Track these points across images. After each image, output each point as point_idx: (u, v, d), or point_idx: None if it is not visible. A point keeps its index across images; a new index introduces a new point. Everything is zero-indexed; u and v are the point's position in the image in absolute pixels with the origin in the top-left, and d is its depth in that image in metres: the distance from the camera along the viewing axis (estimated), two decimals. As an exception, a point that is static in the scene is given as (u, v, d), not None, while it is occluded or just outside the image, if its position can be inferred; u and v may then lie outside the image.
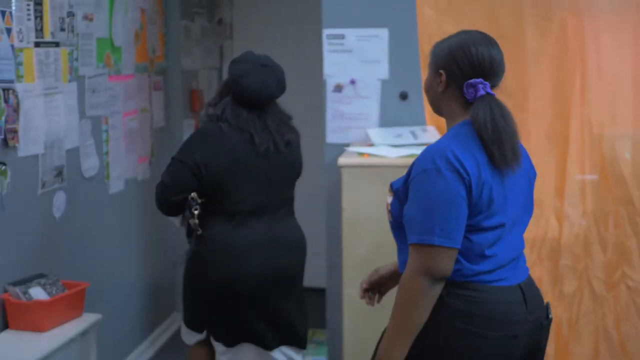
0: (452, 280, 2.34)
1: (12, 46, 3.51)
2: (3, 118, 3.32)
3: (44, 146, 3.78)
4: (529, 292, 2.43)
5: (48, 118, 3.82)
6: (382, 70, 4.31)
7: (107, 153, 4.50)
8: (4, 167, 3.32)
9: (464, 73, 2.39)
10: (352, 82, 4.34)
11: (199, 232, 3.43)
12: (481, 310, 2.34)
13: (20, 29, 3.60)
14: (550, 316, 2.48)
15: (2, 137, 3.34)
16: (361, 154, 3.82)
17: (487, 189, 2.31)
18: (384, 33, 4.28)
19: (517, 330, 2.37)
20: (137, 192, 4.91)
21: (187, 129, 5.68)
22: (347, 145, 4.25)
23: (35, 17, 3.73)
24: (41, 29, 3.77)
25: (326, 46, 4.33)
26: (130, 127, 4.81)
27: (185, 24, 5.65)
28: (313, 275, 4.43)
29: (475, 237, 2.33)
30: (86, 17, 4.23)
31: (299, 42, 6.12)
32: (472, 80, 2.37)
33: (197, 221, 3.41)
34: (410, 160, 3.59)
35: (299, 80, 5.44)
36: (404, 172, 2.48)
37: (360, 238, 3.65)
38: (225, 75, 4.01)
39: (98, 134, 4.39)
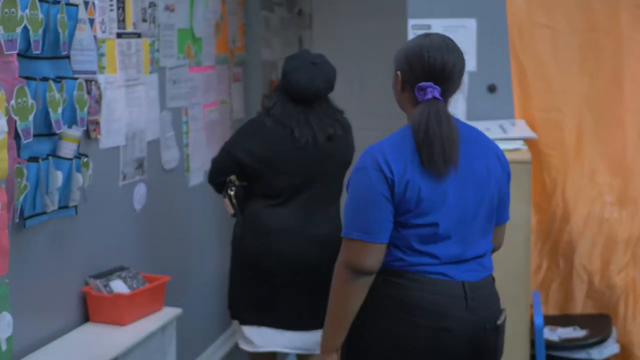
0: (390, 268, 2.45)
1: (95, 37, 3.48)
2: (85, 109, 3.28)
3: (125, 138, 3.75)
4: (474, 292, 2.46)
5: (129, 109, 3.78)
6: (470, 62, 4.15)
7: (187, 145, 4.46)
8: (86, 159, 3.29)
9: (416, 76, 2.47)
10: (439, 74, 4.20)
11: (232, 212, 3.74)
12: (413, 299, 2.42)
13: (103, 20, 3.56)
14: (498, 322, 2.50)
15: (85, 128, 3.30)
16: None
17: (412, 188, 2.39)
18: (471, 23, 4.14)
19: (452, 324, 2.42)
20: (216, 185, 4.85)
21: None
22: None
23: (118, 8, 3.69)
24: (123, 20, 3.73)
25: (411, 37, 4.20)
26: (210, 119, 4.76)
27: (265, 14, 5.59)
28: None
29: (406, 232, 2.43)
30: (167, 8, 4.19)
31: (381, 33, 5.97)
32: (422, 84, 2.45)
33: (234, 201, 3.71)
34: (500, 156, 3.51)
35: (380, 73, 5.32)
36: None
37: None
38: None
39: (178, 126, 4.35)
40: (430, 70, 2.45)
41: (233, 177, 3.71)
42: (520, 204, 3.46)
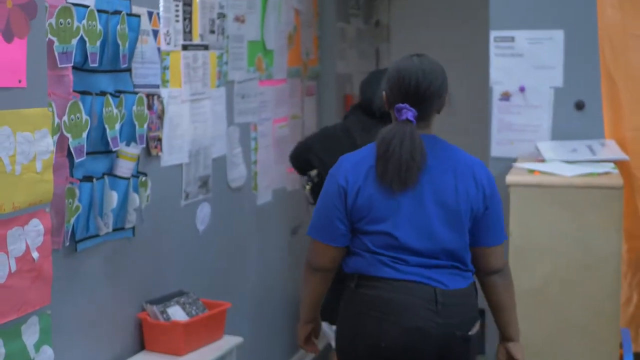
0: (361, 273, 2.62)
1: (159, 49, 3.32)
2: (145, 126, 3.12)
3: (189, 155, 3.58)
4: (446, 299, 2.55)
5: (194, 125, 3.62)
6: (556, 77, 3.90)
7: (255, 162, 4.27)
8: (144, 178, 3.12)
9: (394, 97, 2.60)
10: (522, 89, 3.94)
11: (311, 202, 3.91)
12: (385, 299, 2.57)
13: (168, 31, 3.41)
14: (470, 332, 2.57)
15: (144, 145, 3.14)
16: (532, 171, 3.42)
17: (363, 197, 2.58)
18: (559, 35, 3.86)
19: (421, 323, 2.53)
20: (286, 204, 4.67)
21: (340, 136, 5.38)
22: (514, 160, 3.85)
23: (184, 19, 3.53)
24: (190, 31, 3.57)
25: (493, 50, 3.95)
26: (280, 135, 4.57)
27: (340, 25, 5.38)
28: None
29: (365, 238, 2.61)
30: (237, 19, 4.02)
31: (462, 46, 5.74)
32: (398, 105, 2.57)
33: (309, 198, 3.97)
34: (590, 180, 3.23)
35: (461, 88, 5.17)
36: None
37: (530, 268, 3.24)
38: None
39: (246, 142, 4.17)
40: (405, 91, 2.56)
41: (313, 173, 3.92)
42: (610, 233, 3.18)
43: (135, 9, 3.13)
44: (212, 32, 3.78)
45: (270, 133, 4.45)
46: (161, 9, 3.35)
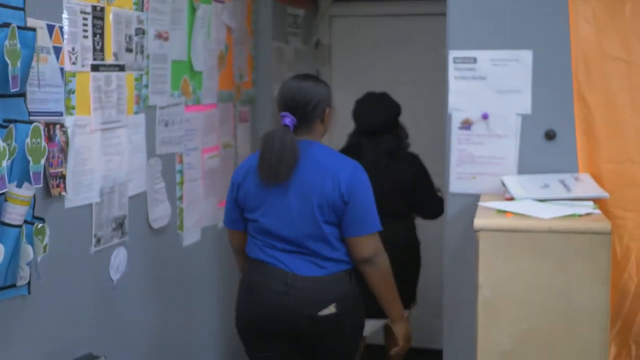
0: (248, 255, 3.19)
1: (62, 69, 2.79)
2: (42, 161, 2.58)
3: (100, 193, 3.06)
4: (297, 283, 3.01)
5: (106, 158, 3.09)
6: (523, 103, 3.45)
7: (181, 198, 3.75)
8: (41, 225, 2.58)
9: (278, 106, 3.13)
10: (485, 117, 3.48)
11: None
12: (247, 278, 3.16)
13: (74, 49, 2.88)
14: (319, 313, 2.99)
15: (41, 185, 2.59)
16: (501, 212, 2.94)
17: (243, 191, 3.14)
18: (526, 56, 3.42)
19: (267, 300, 3.04)
20: (217, 242, 4.16)
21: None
22: (476, 196, 3.39)
23: (95, 34, 3.01)
24: (101, 49, 3.05)
25: (452, 72, 3.48)
26: (210, 166, 4.06)
27: (277, 45, 4.91)
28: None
29: (248, 225, 3.16)
30: (159, 36, 3.50)
31: (414, 68, 5.32)
32: (280, 113, 3.09)
33: None
34: (572, 224, 2.77)
35: (413, 116, 4.76)
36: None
37: (503, 327, 2.74)
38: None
39: (170, 176, 3.65)
40: (282, 102, 3.10)
41: None
42: (596, 285, 2.72)
43: (32, 22, 2.60)
44: (129, 50, 3.25)
45: (199, 164, 3.93)
46: (65, 22, 2.82)
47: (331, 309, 2.99)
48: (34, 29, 2.56)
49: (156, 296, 3.54)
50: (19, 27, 2.47)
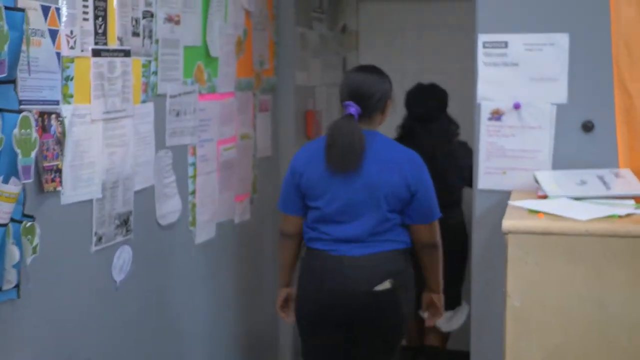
0: (306, 243, 3.32)
1: (59, 54, 2.58)
2: (33, 154, 2.38)
3: (102, 188, 2.85)
4: (353, 263, 3.16)
5: (109, 151, 2.89)
6: (559, 91, 3.20)
7: (193, 192, 3.54)
8: (30, 223, 2.38)
9: (342, 96, 3.25)
10: (517, 106, 3.23)
11: None
12: (305, 265, 3.30)
13: (72, 32, 2.67)
14: (375, 289, 3.14)
15: (31, 180, 2.39)
16: (533, 212, 2.69)
17: (306, 179, 3.23)
18: (563, 40, 3.17)
19: (327, 284, 3.19)
20: (234, 238, 3.96)
21: (300, 158, 4.68)
22: (507, 193, 3.14)
23: (96, 17, 2.80)
24: (104, 33, 2.84)
25: (482, 57, 3.24)
26: (226, 158, 3.84)
27: (301, 31, 4.68)
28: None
29: (309, 212, 3.28)
30: (170, 19, 3.29)
31: (443, 55, 5.09)
32: (344, 102, 3.21)
33: None
34: (611, 226, 2.51)
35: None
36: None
37: (534, 339, 2.50)
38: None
39: (182, 169, 3.44)
40: (347, 91, 3.22)
41: None
42: (635, 295, 2.47)
43: (23, 2, 2.39)
44: (136, 34, 3.04)
45: (214, 156, 3.72)
46: (62, 3, 2.61)
47: (386, 285, 3.14)
48: (23, 10, 2.36)
49: (164, 298, 3.34)
50: (6, 8, 2.27)
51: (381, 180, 3.13)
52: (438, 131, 4.33)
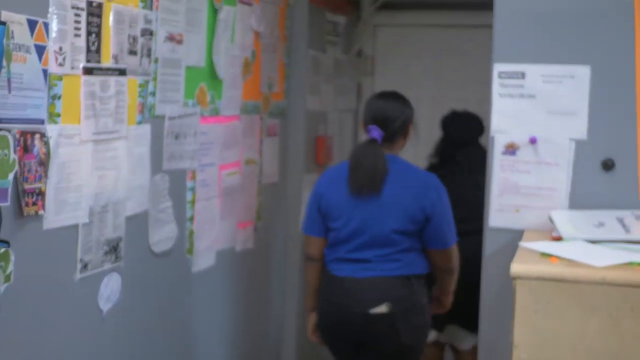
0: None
1: (45, 71, 2.44)
2: (11, 176, 2.23)
3: (89, 212, 2.69)
4: (355, 284, 3.20)
5: (99, 173, 2.74)
6: (579, 126, 3.02)
7: (191, 219, 3.38)
8: (3, 249, 2.23)
9: (365, 120, 3.32)
10: (533, 141, 3.05)
11: None
12: (323, 286, 3.34)
13: (61, 48, 2.53)
14: (370, 311, 3.15)
15: (7, 203, 2.24)
16: (546, 256, 2.50)
17: (326, 201, 3.30)
18: (583, 72, 2.99)
19: (333, 306, 3.25)
20: (234, 267, 3.80)
21: (308, 186, 4.51)
22: (520, 232, 2.95)
23: (89, 33, 2.65)
24: (97, 50, 2.69)
25: (497, 88, 3.07)
26: (228, 184, 3.68)
27: (314, 54, 4.52)
28: None
29: (329, 234, 3.32)
30: (172, 38, 3.15)
31: (460, 83, 4.93)
32: (368, 126, 3.28)
33: None
34: (631, 275, 2.31)
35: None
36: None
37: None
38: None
39: (180, 194, 3.29)
40: (369, 116, 3.30)
41: None
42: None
43: (7, 15, 2.25)
44: (133, 52, 2.90)
45: (215, 182, 3.56)
46: (52, 17, 2.47)
47: (382, 308, 3.14)
48: (4, 23, 2.21)
49: (156, 328, 3.16)
50: (-15, 21, 2.13)
51: (398, 203, 3.17)
52: (477, 156, 4.11)
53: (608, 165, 2.96)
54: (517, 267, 2.34)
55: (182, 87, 3.25)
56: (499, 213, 3.07)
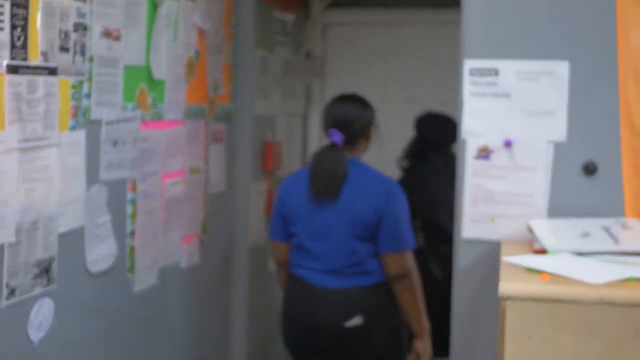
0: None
1: (-40, 70, 2.12)
2: None
3: (16, 231, 2.38)
4: (324, 295, 3.19)
5: (27, 186, 2.43)
6: (558, 127, 2.80)
7: (132, 233, 3.09)
8: None
9: (325, 124, 3.34)
10: (508, 144, 2.82)
11: None
12: (285, 292, 3.40)
13: (-20, 43, 2.21)
14: (345, 325, 3.14)
15: None
16: (532, 271, 2.25)
17: (288, 205, 3.32)
18: (562, 68, 2.77)
19: (299, 314, 3.25)
20: (180, 285, 3.51)
21: (257, 195, 4.25)
22: (494, 243, 2.72)
23: (14, 27, 2.35)
24: (23, 46, 2.38)
25: (468, 87, 2.83)
26: (172, 194, 3.40)
27: (261, 54, 4.25)
28: None
29: (292, 239, 3.33)
30: (108, 34, 2.85)
31: (418, 84, 4.74)
32: (328, 130, 3.29)
33: None
34: (628, 293, 2.07)
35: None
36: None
37: None
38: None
39: (119, 207, 2.99)
40: (328, 120, 3.31)
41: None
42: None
43: None
44: (65, 49, 2.59)
45: (158, 193, 3.27)
46: (-33, 8, 2.16)
47: (356, 321, 3.13)
48: None
49: (96, 357, 2.86)
50: None
51: (352, 207, 3.17)
52: (453, 158, 3.99)
53: (590, 169, 2.74)
54: (507, 286, 2.07)
55: (121, 88, 2.96)
56: (472, 223, 2.83)
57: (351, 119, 3.24)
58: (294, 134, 4.82)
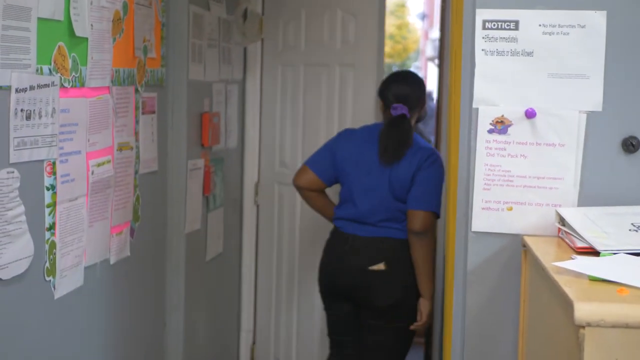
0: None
1: None
2: None
3: None
4: (356, 242, 3.61)
5: None
6: (591, 95, 2.32)
7: (52, 227, 2.51)
8: None
9: (387, 101, 3.69)
10: (530, 114, 2.32)
11: None
12: (326, 243, 3.78)
13: None
14: (369, 268, 3.56)
15: None
16: (599, 282, 1.73)
17: (346, 152, 3.67)
18: (598, 20, 2.29)
19: (334, 259, 3.68)
20: (109, 284, 2.97)
21: (193, 174, 3.69)
22: (512, 237, 2.22)
23: None
24: None
25: (480, 43, 2.32)
26: (100, 177, 2.84)
27: (195, 11, 3.69)
28: None
29: (341, 188, 3.72)
30: (17, -22, 2.23)
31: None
32: (393, 105, 3.64)
33: None
34: None
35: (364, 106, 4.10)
36: None
37: None
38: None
39: (36, 195, 2.43)
40: (397, 96, 3.67)
41: None
42: None
43: None
44: (-40, -7, 1.96)
45: (82, 176, 2.70)
46: None
47: (380, 266, 3.54)
48: None
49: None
50: None
51: (398, 170, 3.56)
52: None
53: (631, 146, 2.26)
54: (587, 308, 1.54)
55: (34, 47, 2.36)
56: (485, 212, 2.32)
57: (411, 96, 3.67)
58: (231, 102, 4.27)
